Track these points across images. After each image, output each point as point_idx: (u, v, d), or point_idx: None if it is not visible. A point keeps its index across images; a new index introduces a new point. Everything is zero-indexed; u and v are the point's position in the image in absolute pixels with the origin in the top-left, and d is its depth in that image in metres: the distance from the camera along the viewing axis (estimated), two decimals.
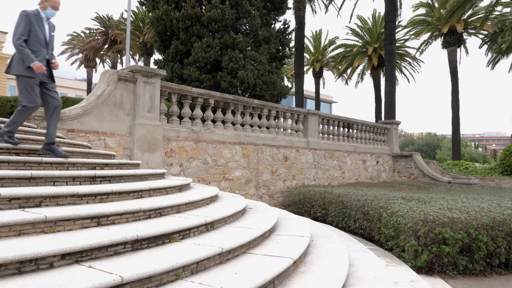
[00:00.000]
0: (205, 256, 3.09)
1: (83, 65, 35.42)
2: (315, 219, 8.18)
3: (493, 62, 29.48)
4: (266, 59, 12.46)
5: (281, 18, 14.14)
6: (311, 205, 8.80)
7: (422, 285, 4.33)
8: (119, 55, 32.88)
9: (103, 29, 32.73)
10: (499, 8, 24.70)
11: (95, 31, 33.48)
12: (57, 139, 5.44)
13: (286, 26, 13.98)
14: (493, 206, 6.10)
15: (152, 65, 19.39)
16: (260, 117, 10.50)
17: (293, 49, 21.86)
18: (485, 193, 9.50)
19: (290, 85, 30.21)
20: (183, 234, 3.54)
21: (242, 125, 9.90)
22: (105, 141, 6.73)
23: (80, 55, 34.75)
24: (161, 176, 5.69)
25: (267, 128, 10.58)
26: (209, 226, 3.99)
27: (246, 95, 12.39)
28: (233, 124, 9.67)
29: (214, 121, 9.28)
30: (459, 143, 28.04)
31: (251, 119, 10.15)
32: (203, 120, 9.04)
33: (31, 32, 4.33)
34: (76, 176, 4.08)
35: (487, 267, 5.22)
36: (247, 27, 12.93)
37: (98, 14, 33.23)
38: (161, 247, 3.20)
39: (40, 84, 4.41)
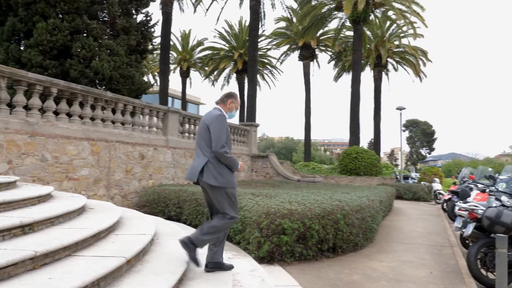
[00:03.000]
0: (8, 263, 2.61)
1: None
2: (170, 218, 7.95)
3: (338, 77, 33.72)
4: (125, 50, 11.71)
5: (145, 10, 13.47)
6: (165, 205, 8.54)
7: (260, 273, 4.51)
8: None
9: None
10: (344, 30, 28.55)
11: None
12: None
13: (148, 18, 13.41)
14: (325, 199, 6.77)
15: None
16: (114, 111, 9.77)
17: (159, 45, 21.25)
18: (324, 188, 10.64)
19: (155, 83, 29.23)
20: None
21: (93, 119, 9.06)
22: None
23: None
24: None
25: (122, 124, 9.91)
26: (26, 228, 3.43)
27: (103, 88, 11.44)
28: (81, 117, 8.77)
29: (57, 113, 8.24)
30: (310, 146, 31.24)
31: (104, 113, 9.38)
32: (43, 111, 7.95)
33: (227, 136, 3.82)
34: None
35: (318, 252, 5.76)
36: (105, 14, 11.98)
37: None
38: None
39: None
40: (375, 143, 29.52)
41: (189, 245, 3.75)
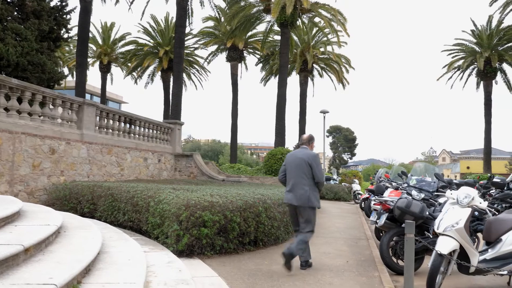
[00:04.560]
0: None
1: None
2: (83, 215, 7.37)
3: (265, 80, 34.25)
4: (35, 36, 10.68)
5: None
6: (78, 201, 7.91)
7: (178, 265, 4.33)
8: None
9: None
10: (271, 34, 29.14)
11: None
12: None
13: (64, 4, 12.42)
14: (248, 193, 6.74)
15: None
16: (20, 101, 8.83)
17: (76, 36, 19.83)
18: (248, 186, 10.66)
19: (70, 76, 27.19)
20: None
21: None
22: None
23: None
24: None
25: (30, 114, 9.00)
26: None
27: (13, 77, 10.31)
28: None
29: None
30: (236, 148, 31.23)
31: (8, 102, 8.44)
32: None
33: None
34: None
35: (239, 245, 5.70)
36: None
37: None
38: None
39: None
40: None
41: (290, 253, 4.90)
